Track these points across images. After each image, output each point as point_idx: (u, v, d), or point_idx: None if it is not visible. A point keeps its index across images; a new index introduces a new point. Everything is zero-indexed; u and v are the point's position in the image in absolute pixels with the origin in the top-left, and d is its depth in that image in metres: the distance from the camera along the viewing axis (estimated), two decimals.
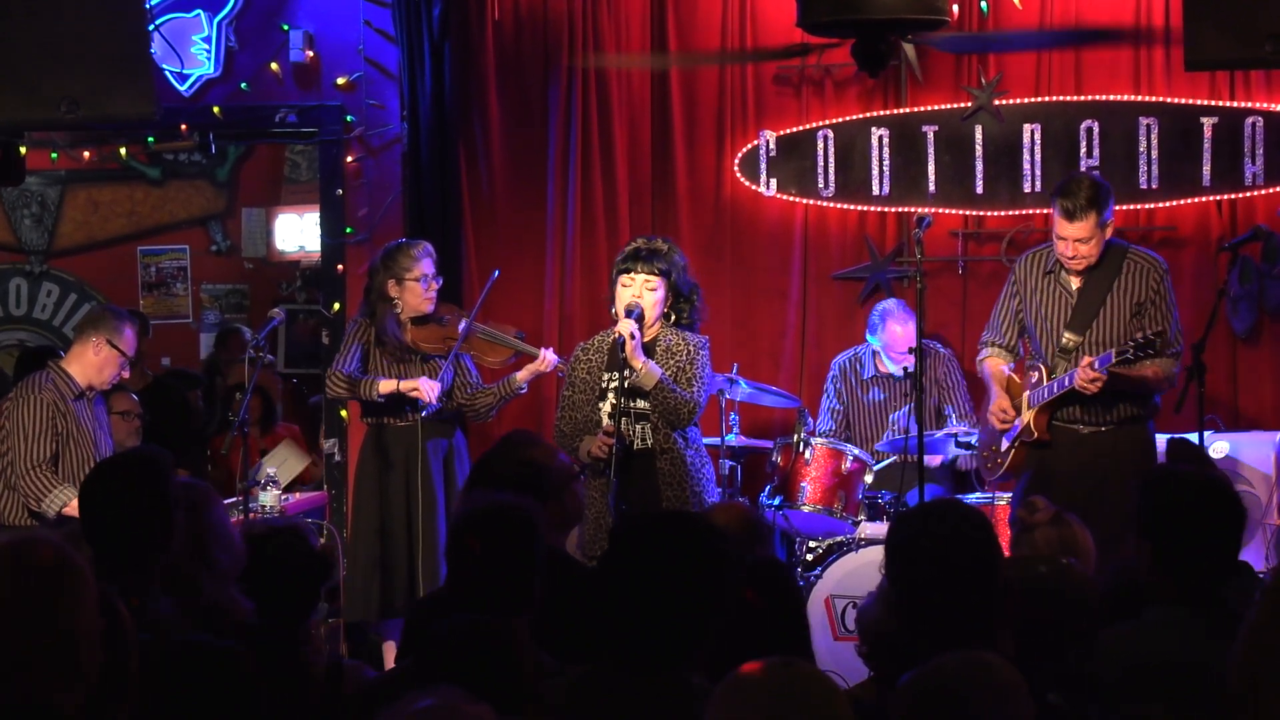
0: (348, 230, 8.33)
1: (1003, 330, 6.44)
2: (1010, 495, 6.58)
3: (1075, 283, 6.22)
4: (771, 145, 7.99)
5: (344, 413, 8.17)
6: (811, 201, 8.02)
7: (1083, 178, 6.23)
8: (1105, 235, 6.14)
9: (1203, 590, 3.61)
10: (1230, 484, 3.79)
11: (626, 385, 6.23)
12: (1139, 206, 7.76)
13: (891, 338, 7.47)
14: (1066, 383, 6.06)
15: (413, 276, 6.95)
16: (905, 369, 7.20)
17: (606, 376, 6.37)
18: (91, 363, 6.78)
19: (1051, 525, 4.37)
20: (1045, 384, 6.18)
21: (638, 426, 6.27)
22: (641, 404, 6.28)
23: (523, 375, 7.01)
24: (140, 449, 5.76)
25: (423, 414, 6.82)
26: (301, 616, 3.86)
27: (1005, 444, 6.34)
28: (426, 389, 6.78)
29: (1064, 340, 6.20)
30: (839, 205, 8.01)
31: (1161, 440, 6.54)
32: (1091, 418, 6.19)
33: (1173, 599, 3.63)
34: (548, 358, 6.92)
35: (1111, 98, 7.72)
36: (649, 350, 6.33)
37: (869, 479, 7.11)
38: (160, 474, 3.83)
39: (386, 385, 6.86)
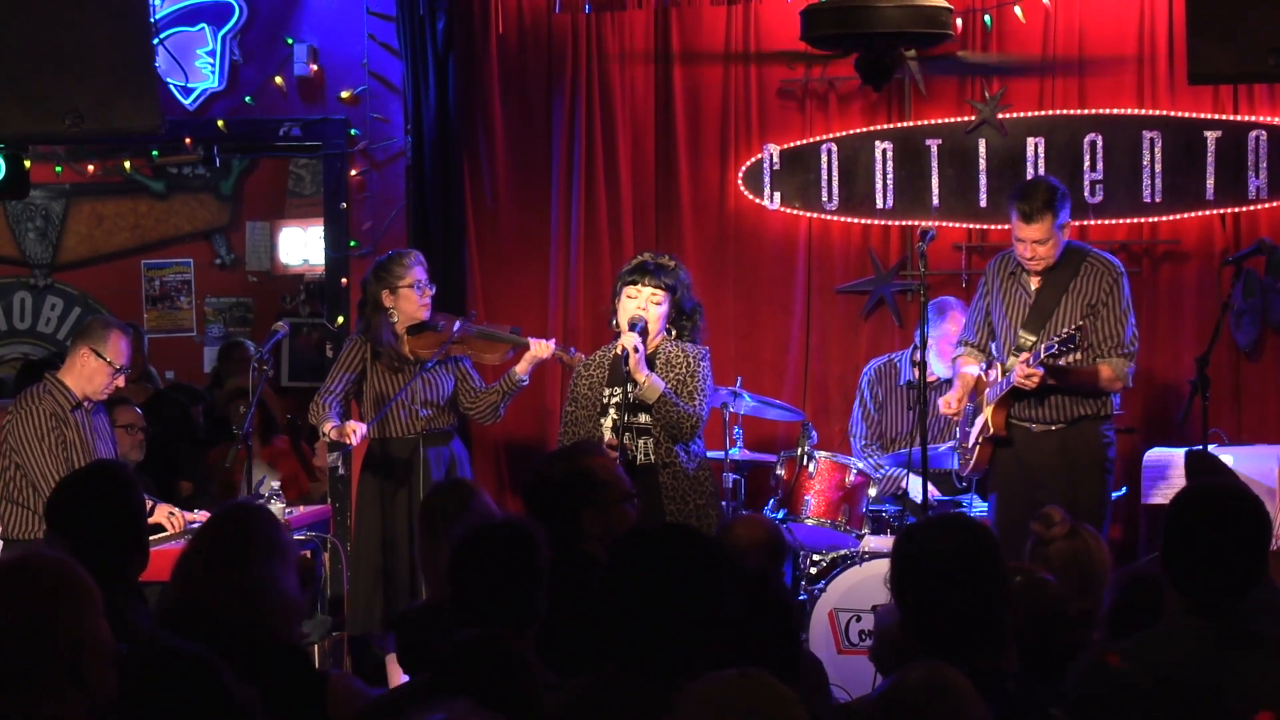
0: (352, 243, 8.34)
1: (974, 331, 6.69)
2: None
3: (1034, 283, 6.46)
4: (775, 158, 7.98)
5: None
6: (815, 215, 8.02)
7: (1040, 182, 6.53)
8: (1062, 237, 6.42)
9: (1217, 604, 3.57)
10: (1251, 495, 3.74)
11: (629, 400, 6.23)
12: (1142, 220, 7.75)
13: (950, 333, 7.16)
14: (1009, 380, 6.30)
15: (406, 284, 6.96)
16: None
17: (608, 392, 6.37)
18: (80, 373, 6.79)
19: (1066, 539, 4.36)
20: (999, 381, 6.41)
21: (640, 441, 6.27)
22: (644, 418, 6.28)
23: (522, 367, 6.98)
24: (100, 462, 5.77)
25: (341, 451, 6.85)
26: None
27: (972, 441, 6.55)
28: (348, 432, 6.76)
29: (1020, 339, 6.42)
30: (842, 219, 8.00)
31: (1174, 454, 6.54)
32: (1042, 416, 6.41)
33: (1187, 611, 3.59)
34: (545, 344, 6.89)
35: (1115, 111, 7.72)
36: (650, 363, 6.33)
37: (872, 491, 7.12)
38: (122, 483, 3.84)
39: (324, 427, 6.91)
